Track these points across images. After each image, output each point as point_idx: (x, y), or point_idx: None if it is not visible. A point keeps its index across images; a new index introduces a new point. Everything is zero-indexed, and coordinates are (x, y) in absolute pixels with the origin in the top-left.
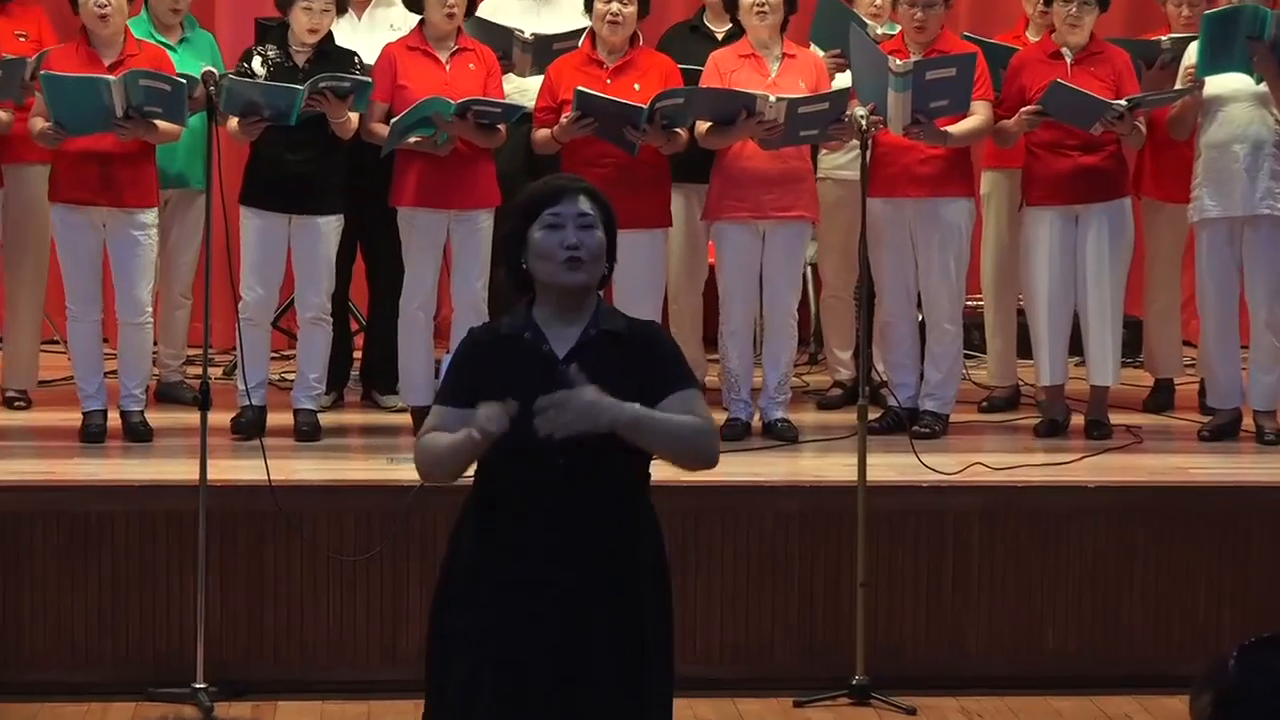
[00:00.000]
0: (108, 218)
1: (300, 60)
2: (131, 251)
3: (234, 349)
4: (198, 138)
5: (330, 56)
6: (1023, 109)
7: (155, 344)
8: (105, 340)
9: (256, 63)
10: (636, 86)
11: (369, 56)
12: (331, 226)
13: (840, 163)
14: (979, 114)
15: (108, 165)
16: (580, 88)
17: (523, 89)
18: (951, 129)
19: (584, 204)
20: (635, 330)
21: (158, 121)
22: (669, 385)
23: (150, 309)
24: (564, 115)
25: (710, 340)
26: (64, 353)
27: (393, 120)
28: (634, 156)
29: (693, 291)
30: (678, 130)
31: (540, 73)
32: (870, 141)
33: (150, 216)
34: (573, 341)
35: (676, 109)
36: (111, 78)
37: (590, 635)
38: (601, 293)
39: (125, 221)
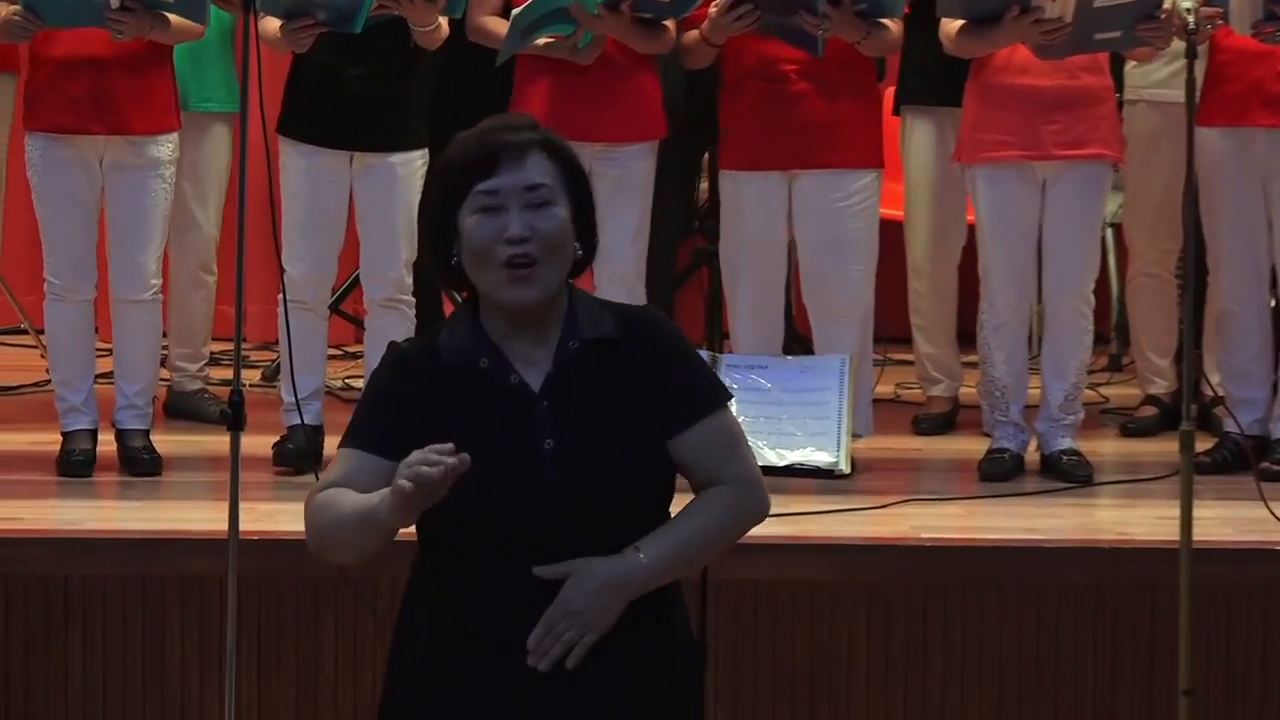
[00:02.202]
0: (106, 150)
1: None
2: (139, 199)
3: (276, 344)
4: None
5: None
6: None
7: (164, 338)
8: (95, 330)
9: None
10: None
11: None
12: (412, 168)
13: (1158, 78)
14: None
15: (104, 75)
16: None
17: None
18: None
19: (534, 166)
20: (632, 328)
21: (170, 15)
22: (693, 410)
23: (159, 281)
24: (713, 6)
25: (966, 335)
26: (34, 346)
27: (513, 13)
28: (819, 57)
29: (944, 265)
30: (884, 22)
31: None
32: (1203, 47)
33: (167, 149)
34: (547, 363)
35: None
36: None
37: None
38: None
39: (131, 156)
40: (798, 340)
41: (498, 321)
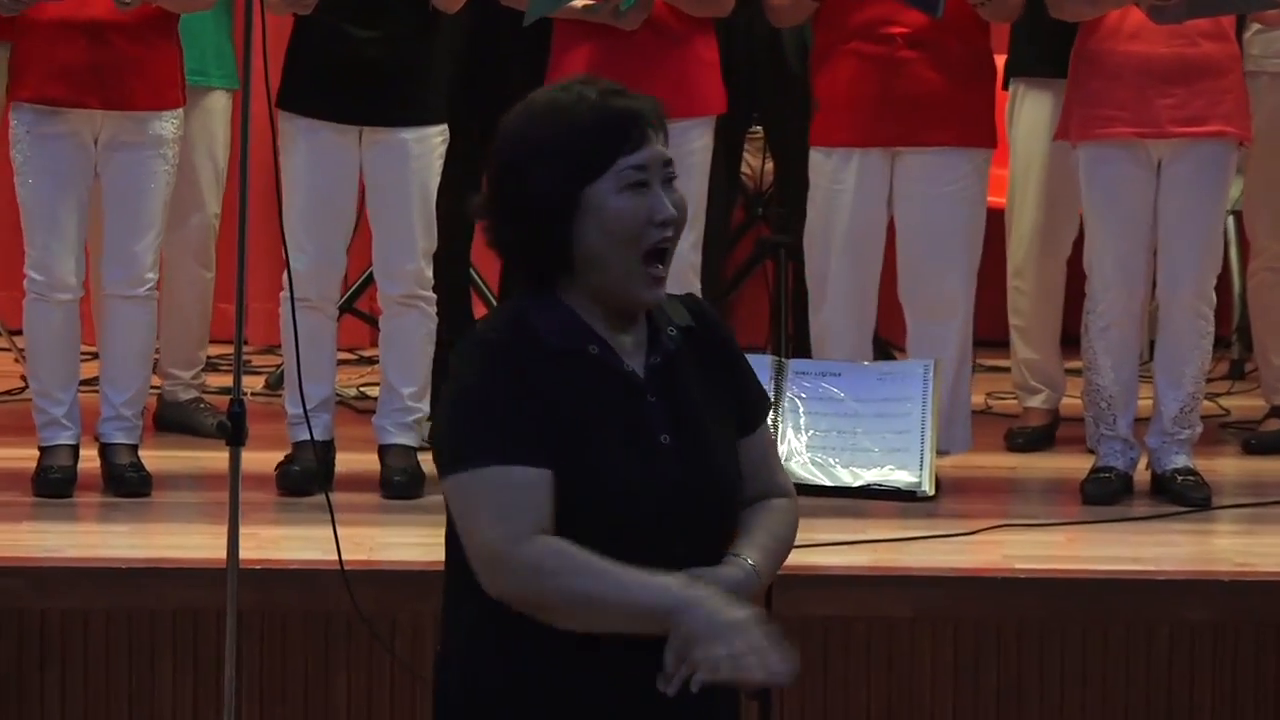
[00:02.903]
0: (103, 127)
1: None
2: (138, 182)
3: (281, 348)
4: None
5: None
6: None
7: (156, 340)
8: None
9: None
10: None
11: None
12: (428, 145)
13: None
14: None
15: (102, 44)
16: None
17: None
18: None
19: (660, 138)
20: (697, 317)
21: None
22: (758, 414)
23: (155, 275)
24: None
25: (1069, 339)
26: (8, 350)
27: None
28: (937, 19)
29: (1051, 260)
30: None
31: None
32: None
33: (170, 126)
34: (640, 351)
35: None
36: None
37: None
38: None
39: (131, 133)
40: (875, 344)
41: (588, 306)
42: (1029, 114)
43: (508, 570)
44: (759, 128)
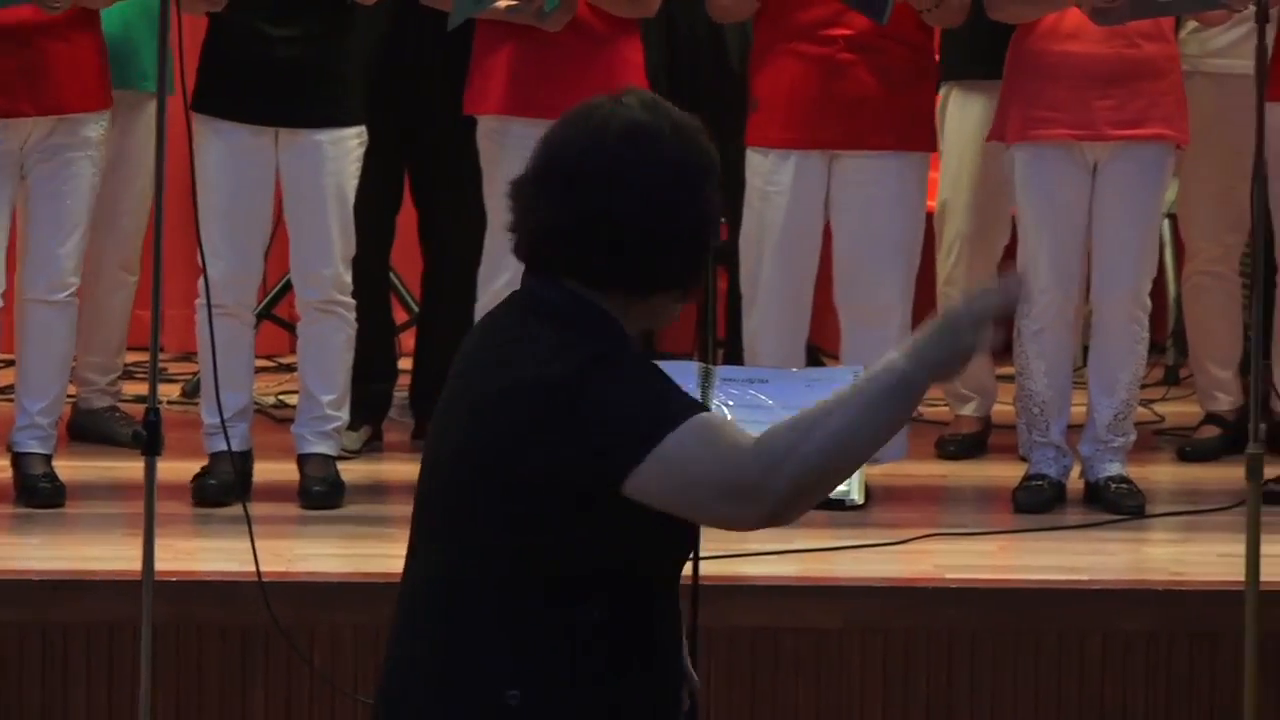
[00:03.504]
0: (33, 132)
1: None
2: (66, 186)
3: (198, 355)
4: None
5: None
6: None
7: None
8: None
9: None
10: None
11: None
12: (344, 147)
13: (1217, 46)
14: None
15: (30, 48)
16: None
17: None
18: None
19: None
20: None
21: None
22: None
23: (76, 280)
24: None
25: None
26: None
27: None
28: (883, 26)
29: (982, 265)
30: None
31: None
32: (1275, 10)
33: (97, 128)
34: None
35: None
36: None
37: None
38: None
39: (62, 136)
40: (806, 349)
41: (629, 323)
42: (960, 118)
43: (763, 474)
44: None
